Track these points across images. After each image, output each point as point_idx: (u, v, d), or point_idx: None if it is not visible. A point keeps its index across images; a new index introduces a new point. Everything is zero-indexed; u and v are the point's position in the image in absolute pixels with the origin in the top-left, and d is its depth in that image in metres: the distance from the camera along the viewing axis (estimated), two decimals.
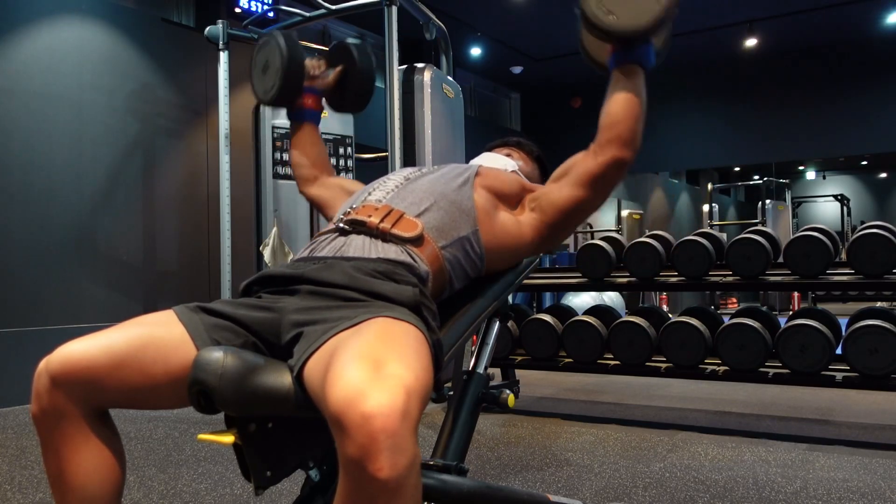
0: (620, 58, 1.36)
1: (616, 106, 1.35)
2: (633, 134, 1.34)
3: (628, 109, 1.34)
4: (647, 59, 1.36)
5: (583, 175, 1.38)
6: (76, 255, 4.55)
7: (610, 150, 1.35)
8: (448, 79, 4.30)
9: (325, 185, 1.70)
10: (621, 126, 1.34)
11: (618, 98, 1.35)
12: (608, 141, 1.35)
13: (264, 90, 1.63)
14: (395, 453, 0.80)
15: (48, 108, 4.43)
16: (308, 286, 1.16)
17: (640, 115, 1.35)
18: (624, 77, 1.35)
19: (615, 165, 1.35)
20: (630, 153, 1.35)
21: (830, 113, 8.81)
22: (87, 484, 1.04)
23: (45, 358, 1.04)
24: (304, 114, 1.68)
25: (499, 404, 1.44)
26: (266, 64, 1.62)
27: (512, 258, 1.45)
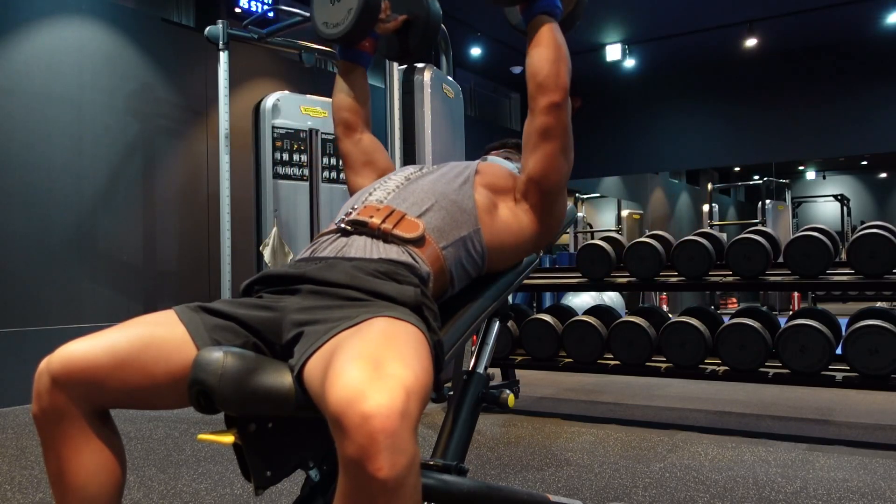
0: (528, 14, 1.42)
1: (534, 57, 1.39)
2: (556, 76, 1.37)
3: (545, 57, 1.38)
4: (553, 5, 1.41)
5: (531, 137, 1.40)
6: (76, 255, 4.55)
7: (540, 99, 1.38)
8: (448, 79, 4.30)
9: (359, 146, 1.65)
10: (542, 73, 1.37)
11: (534, 50, 1.40)
12: (536, 90, 1.38)
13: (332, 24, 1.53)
14: (394, 453, 0.80)
15: (48, 108, 4.43)
16: (309, 286, 1.16)
17: (558, 58, 1.38)
18: (534, 28, 1.41)
19: (551, 111, 1.37)
20: (559, 95, 1.37)
21: (830, 113, 8.81)
22: (88, 484, 1.05)
23: (46, 358, 1.04)
24: (360, 55, 1.63)
25: (499, 404, 1.44)
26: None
27: (514, 254, 1.45)
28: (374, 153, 1.67)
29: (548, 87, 1.37)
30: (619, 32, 8.28)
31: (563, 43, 1.40)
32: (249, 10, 5.55)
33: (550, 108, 1.37)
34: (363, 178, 1.62)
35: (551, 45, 1.39)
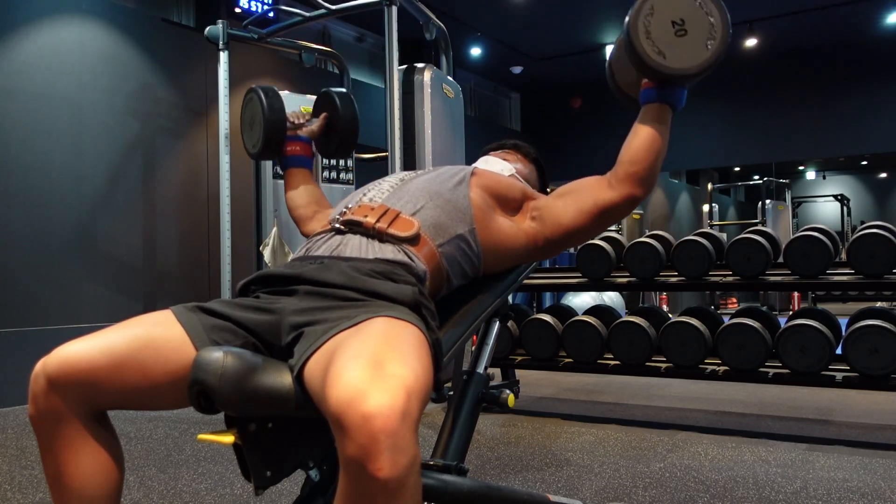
0: (655, 96, 1.35)
1: (640, 142, 1.35)
2: (652, 173, 1.35)
3: (651, 147, 1.34)
4: (680, 101, 1.37)
5: (594, 203, 1.38)
6: (76, 255, 4.55)
7: (627, 185, 1.35)
8: (448, 79, 4.30)
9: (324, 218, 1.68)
10: (642, 164, 1.34)
11: (643, 134, 1.35)
12: (626, 176, 1.35)
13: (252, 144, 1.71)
14: (395, 453, 0.80)
15: (48, 108, 4.43)
16: (306, 286, 1.16)
17: (660, 153, 1.35)
18: (653, 114, 1.35)
19: (628, 201, 1.36)
20: (645, 191, 1.36)
21: (830, 113, 8.81)
22: (86, 486, 1.04)
23: (42, 359, 1.03)
24: (292, 160, 1.71)
25: (499, 404, 1.44)
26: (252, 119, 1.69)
27: (507, 261, 1.45)
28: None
29: (641, 181, 1.35)
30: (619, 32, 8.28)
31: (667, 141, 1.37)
32: (249, 10, 5.55)
33: (630, 198, 1.35)
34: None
35: (661, 141, 1.34)
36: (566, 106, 10.15)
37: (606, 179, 1.38)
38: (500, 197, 1.43)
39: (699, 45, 1.30)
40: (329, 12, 4.30)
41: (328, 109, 1.73)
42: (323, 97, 1.75)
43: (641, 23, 1.29)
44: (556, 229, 1.41)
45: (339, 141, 1.73)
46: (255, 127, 1.68)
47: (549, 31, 8.14)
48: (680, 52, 1.30)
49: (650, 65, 1.30)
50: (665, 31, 1.29)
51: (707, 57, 1.29)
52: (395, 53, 3.85)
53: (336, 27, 7.36)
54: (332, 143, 1.74)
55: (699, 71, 1.30)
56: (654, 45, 1.29)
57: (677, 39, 1.30)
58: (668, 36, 1.29)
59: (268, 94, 1.64)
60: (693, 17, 1.30)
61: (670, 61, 1.30)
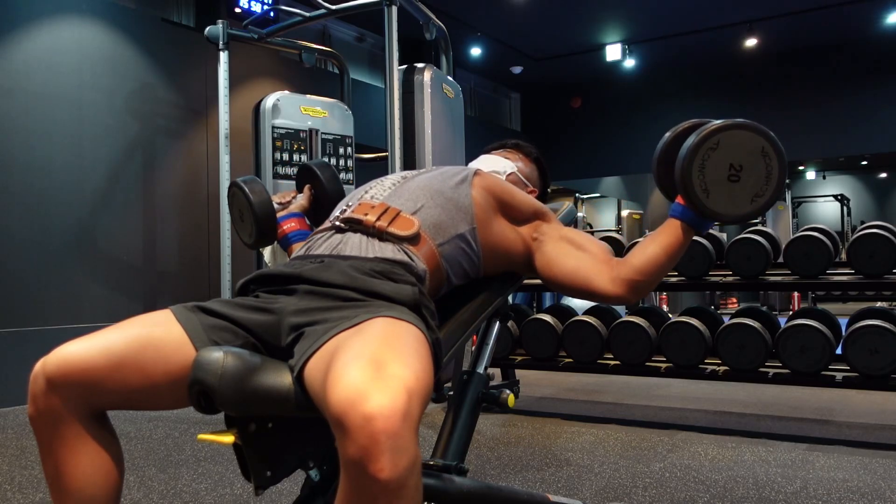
0: (686, 216, 1.33)
1: (654, 255, 1.34)
2: (651, 286, 1.37)
3: (663, 264, 1.34)
4: (706, 230, 1.37)
5: (586, 279, 1.38)
6: (76, 255, 4.55)
7: (623, 288, 1.35)
8: (448, 79, 4.30)
9: None
10: (647, 277, 1.34)
11: (661, 248, 1.34)
12: (628, 281, 1.35)
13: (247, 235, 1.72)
14: (396, 454, 0.80)
15: (48, 108, 4.43)
16: (306, 286, 1.16)
17: (668, 270, 1.37)
18: (677, 232, 1.34)
19: (616, 300, 1.38)
20: (635, 299, 1.39)
21: (830, 113, 8.81)
22: (85, 486, 1.04)
23: (42, 360, 1.03)
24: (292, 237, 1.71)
25: (499, 404, 1.44)
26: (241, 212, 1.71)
27: (504, 265, 1.44)
28: None
29: (637, 289, 1.35)
30: (619, 32, 8.28)
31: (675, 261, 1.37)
32: (249, 10, 5.54)
33: (618, 297, 1.36)
34: None
35: (676, 257, 1.35)
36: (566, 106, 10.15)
37: (610, 267, 1.37)
38: (506, 203, 1.42)
39: (746, 197, 1.29)
40: (329, 12, 4.30)
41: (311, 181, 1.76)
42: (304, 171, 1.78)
43: (700, 155, 1.27)
44: (545, 269, 1.41)
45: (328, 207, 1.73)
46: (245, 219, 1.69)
47: (549, 31, 8.14)
48: (725, 196, 1.29)
49: (691, 197, 1.29)
50: (720, 171, 1.28)
51: (748, 211, 1.29)
52: (395, 53, 3.85)
53: (336, 27, 7.36)
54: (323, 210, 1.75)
55: (734, 221, 1.31)
56: (703, 181, 1.28)
57: (728, 183, 1.28)
58: (721, 177, 1.28)
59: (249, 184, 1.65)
60: (752, 167, 1.28)
61: (711, 202, 1.28)
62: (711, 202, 1.28)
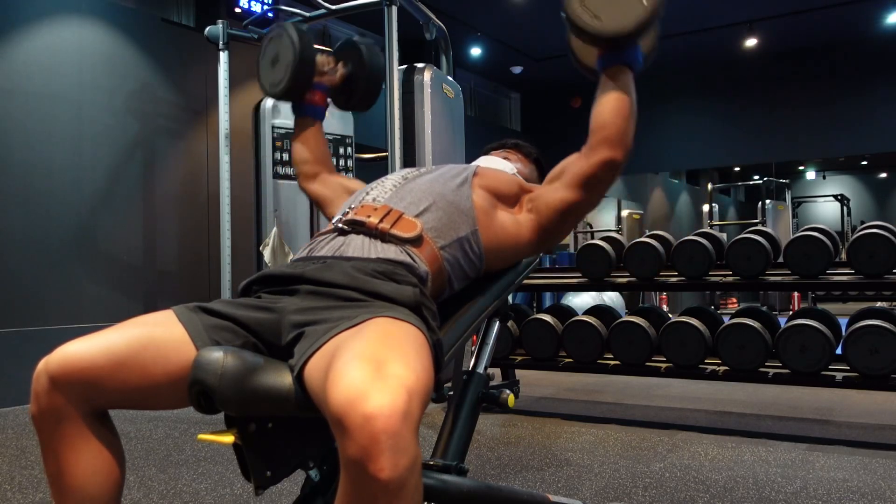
0: (608, 60, 1.36)
1: (605, 107, 1.35)
2: (623, 134, 1.35)
3: (617, 110, 1.34)
4: (635, 60, 1.37)
5: (575, 177, 1.39)
6: (76, 255, 4.55)
7: (601, 151, 1.35)
8: (448, 79, 4.30)
9: (325, 183, 1.69)
10: (611, 127, 1.34)
11: (607, 99, 1.36)
12: (599, 142, 1.35)
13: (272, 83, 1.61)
14: (396, 454, 0.80)
15: (48, 108, 4.43)
16: (308, 286, 1.16)
17: (629, 114, 1.35)
18: (612, 79, 1.36)
19: (607, 166, 1.36)
20: (621, 153, 1.35)
21: (830, 113, 8.80)
22: (87, 485, 1.04)
23: (44, 358, 1.03)
24: (310, 109, 1.67)
25: (499, 404, 1.44)
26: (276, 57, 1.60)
27: (511, 258, 1.45)
28: (346, 182, 1.69)
29: (613, 144, 1.34)
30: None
31: (635, 100, 1.37)
32: (249, 10, 5.54)
33: (607, 163, 1.35)
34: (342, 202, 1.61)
35: (627, 101, 1.35)
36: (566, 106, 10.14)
37: (583, 152, 1.39)
38: (501, 194, 1.44)
39: (635, 2, 1.29)
40: (329, 12, 4.30)
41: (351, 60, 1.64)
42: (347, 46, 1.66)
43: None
44: (550, 214, 1.41)
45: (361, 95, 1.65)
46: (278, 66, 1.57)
47: (549, 31, 8.13)
48: (616, 12, 1.29)
49: (589, 31, 1.30)
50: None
51: (642, 13, 1.29)
52: (395, 53, 3.85)
53: (336, 27, 7.36)
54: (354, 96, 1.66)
55: (637, 28, 1.30)
56: (588, 10, 1.29)
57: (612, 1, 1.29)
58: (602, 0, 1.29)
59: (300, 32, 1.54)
60: None
61: (607, 23, 1.29)
62: (608, 23, 1.29)
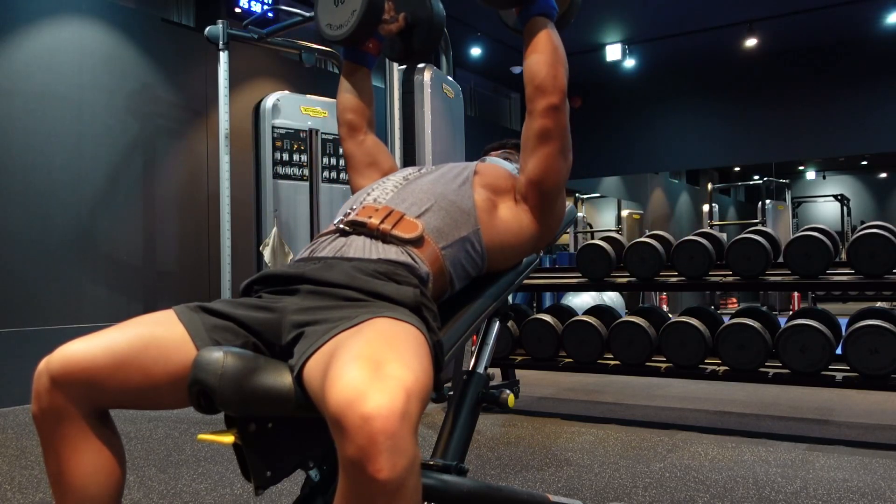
0: (524, 16, 1.41)
1: (531, 60, 1.39)
2: (554, 78, 1.37)
3: (542, 59, 1.38)
4: (548, 6, 1.40)
5: (530, 139, 1.40)
6: (76, 255, 4.55)
7: (538, 102, 1.37)
8: (448, 79, 4.30)
9: (361, 145, 1.64)
10: (539, 75, 1.37)
11: (530, 52, 1.39)
12: (534, 93, 1.38)
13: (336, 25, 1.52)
14: (394, 454, 0.80)
15: (48, 108, 4.43)
16: (308, 286, 1.16)
17: (554, 60, 1.38)
18: (531, 31, 1.40)
19: (549, 113, 1.37)
20: (558, 96, 1.37)
21: (830, 113, 8.80)
22: (88, 484, 1.04)
23: (46, 358, 1.04)
24: (365, 57, 1.62)
25: (499, 404, 1.44)
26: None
27: (515, 254, 1.45)
28: (378, 154, 1.66)
29: (546, 90, 1.37)
30: (619, 32, 8.28)
31: (559, 44, 1.40)
32: (249, 10, 5.55)
33: (549, 110, 1.37)
34: (366, 179, 1.61)
35: (548, 47, 1.38)
36: None
37: (527, 114, 1.41)
38: (499, 189, 1.43)
39: None
40: None
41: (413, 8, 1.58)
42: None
43: None
44: (532, 190, 1.41)
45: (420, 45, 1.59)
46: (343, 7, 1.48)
47: None
48: None
49: None
50: None
51: None
52: None
53: None
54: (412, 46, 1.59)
55: None
56: None
57: None
58: None
59: None
60: None
61: None
62: None
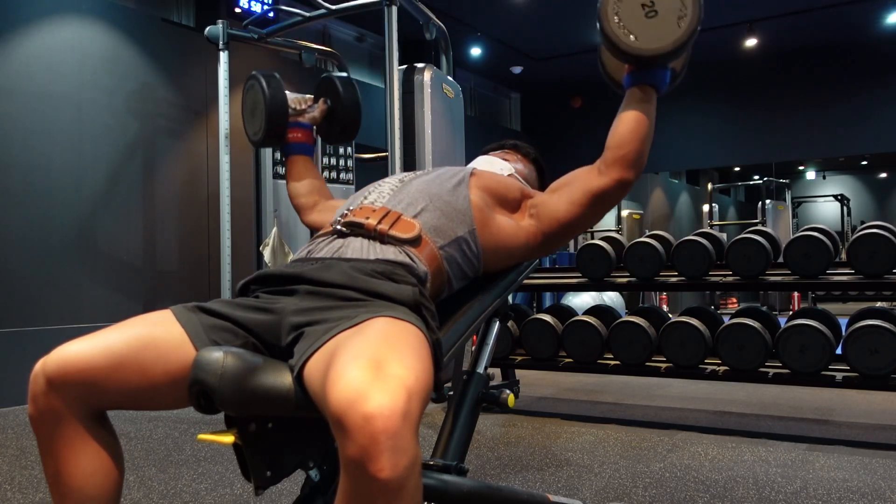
0: (636, 78, 1.36)
1: (625, 126, 1.36)
2: (639, 155, 1.35)
3: (637, 130, 1.35)
4: (662, 82, 1.37)
5: (585, 191, 1.39)
6: (76, 255, 4.55)
7: (615, 170, 1.36)
8: (448, 79, 4.30)
9: (324, 210, 1.69)
10: (628, 147, 1.34)
11: (627, 118, 1.36)
12: (614, 161, 1.36)
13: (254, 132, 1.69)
14: (396, 454, 0.80)
15: (48, 108, 4.43)
16: (306, 286, 1.16)
17: (647, 136, 1.36)
18: (636, 98, 1.36)
19: (618, 186, 1.36)
20: (634, 174, 1.36)
21: (830, 113, 8.80)
22: (86, 486, 1.04)
23: (42, 360, 1.03)
24: (294, 147, 1.70)
25: (499, 404, 1.44)
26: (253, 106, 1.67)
27: (508, 260, 1.45)
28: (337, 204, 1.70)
29: (627, 163, 1.35)
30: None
31: (654, 121, 1.37)
32: (249, 10, 5.55)
33: (620, 182, 1.36)
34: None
35: (646, 122, 1.35)
36: (566, 106, 10.15)
37: (596, 167, 1.39)
38: (500, 196, 1.43)
39: (671, 23, 1.29)
40: (329, 12, 4.30)
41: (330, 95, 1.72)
42: (324, 82, 1.74)
43: (611, 7, 1.30)
44: (553, 224, 1.42)
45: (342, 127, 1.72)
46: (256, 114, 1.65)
47: (549, 31, 8.13)
48: (652, 32, 1.29)
49: (623, 48, 1.30)
50: (635, 14, 1.29)
51: (680, 35, 1.29)
52: (395, 53, 3.84)
53: (336, 27, 7.36)
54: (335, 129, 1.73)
55: (673, 49, 1.30)
56: (625, 28, 1.29)
57: (648, 21, 1.29)
58: (639, 18, 1.29)
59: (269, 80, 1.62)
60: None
61: (643, 43, 1.29)
62: (642, 42, 1.29)
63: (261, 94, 1.62)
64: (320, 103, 1.72)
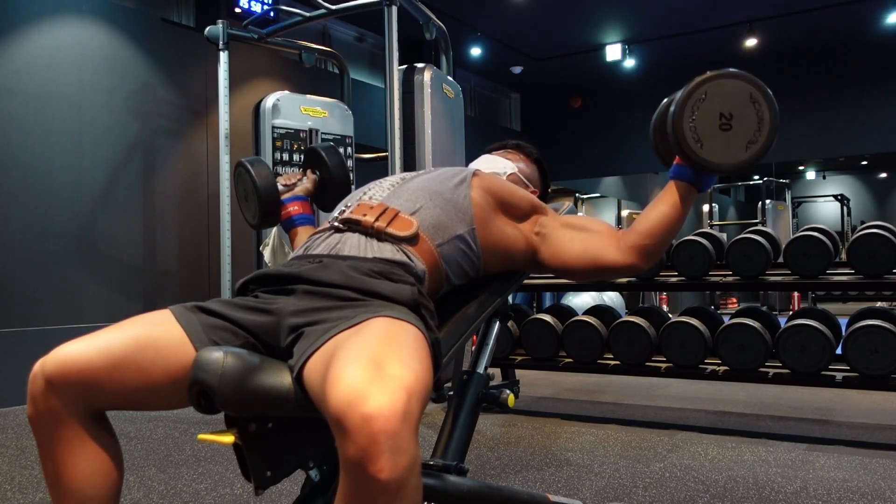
0: (684, 176, 1.34)
1: (658, 217, 1.35)
2: (661, 249, 1.36)
3: (668, 226, 1.34)
4: (707, 186, 1.36)
5: (596, 255, 1.38)
6: (76, 255, 4.55)
7: (632, 255, 1.35)
8: (448, 79, 4.30)
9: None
10: (655, 240, 1.34)
11: (664, 209, 1.35)
12: (636, 247, 1.35)
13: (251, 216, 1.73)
14: (395, 454, 0.80)
15: (48, 108, 4.43)
16: (305, 286, 1.16)
17: (676, 231, 1.36)
18: (679, 191, 1.34)
19: (629, 270, 1.37)
20: (647, 266, 1.37)
21: (830, 113, 8.80)
22: (85, 486, 1.04)
23: (40, 360, 1.03)
24: (295, 220, 1.71)
25: (499, 404, 1.44)
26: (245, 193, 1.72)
27: (508, 264, 1.44)
28: None
29: (648, 255, 1.35)
30: (619, 32, 8.28)
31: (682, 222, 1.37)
32: (249, 10, 5.54)
33: (632, 267, 1.36)
34: None
35: (682, 218, 1.34)
36: (566, 106, 10.15)
37: (616, 239, 1.37)
38: (505, 201, 1.42)
39: (740, 144, 1.28)
40: (329, 12, 4.30)
41: (317, 165, 1.76)
42: (310, 154, 1.79)
43: (689, 107, 1.28)
44: (553, 258, 1.41)
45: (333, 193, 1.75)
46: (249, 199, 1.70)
47: (549, 31, 8.13)
48: (719, 145, 1.28)
49: (685, 149, 1.29)
50: (710, 121, 1.28)
51: (743, 159, 1.29)
52: (395, 53, 3.84)
53: (336, 27, 7.36)
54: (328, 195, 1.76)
55: (732, 170, 1.30)
56: (695, 132, 1.28)
57: (720, 133, 1.28)
58: (712, 127, 1.28)
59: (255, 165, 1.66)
60: (743, 115, 1.28)
61: (706, 152, 1.28)
62: (706, 153, 1.28)
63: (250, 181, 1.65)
64: (309, 174, 1.76)
